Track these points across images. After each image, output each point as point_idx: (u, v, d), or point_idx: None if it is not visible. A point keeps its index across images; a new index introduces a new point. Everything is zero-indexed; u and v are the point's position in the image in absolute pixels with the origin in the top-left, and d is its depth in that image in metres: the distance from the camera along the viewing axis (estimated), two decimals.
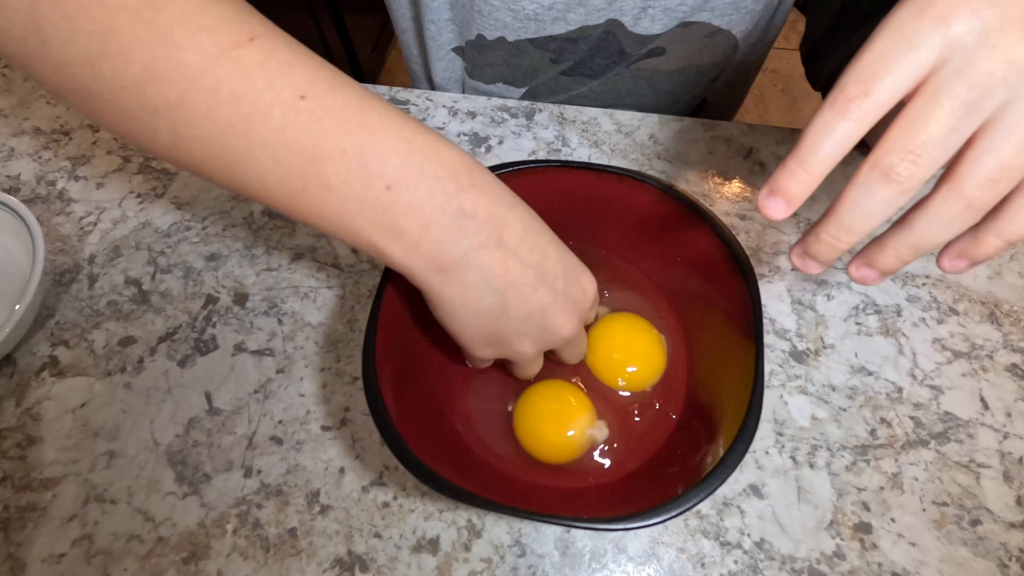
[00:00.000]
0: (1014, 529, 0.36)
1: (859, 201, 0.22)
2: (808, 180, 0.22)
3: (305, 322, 0.43)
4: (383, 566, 0.35)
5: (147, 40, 0.23)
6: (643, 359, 0.39)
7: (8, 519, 0.36)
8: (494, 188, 0.28)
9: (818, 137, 0.22)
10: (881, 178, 0.21)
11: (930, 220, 0.22)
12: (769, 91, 1.60)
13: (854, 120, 0.21)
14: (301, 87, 0.25)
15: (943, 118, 0.20)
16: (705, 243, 0.37)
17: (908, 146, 0.21)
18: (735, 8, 0.48)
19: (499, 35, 0.50)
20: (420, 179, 0.26)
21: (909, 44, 0.21)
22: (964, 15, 0.20)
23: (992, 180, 0.21)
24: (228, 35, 0.24)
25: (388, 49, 1.69)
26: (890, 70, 0.21)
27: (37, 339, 0.42)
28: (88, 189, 0.49)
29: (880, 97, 0.21)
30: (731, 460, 0.29)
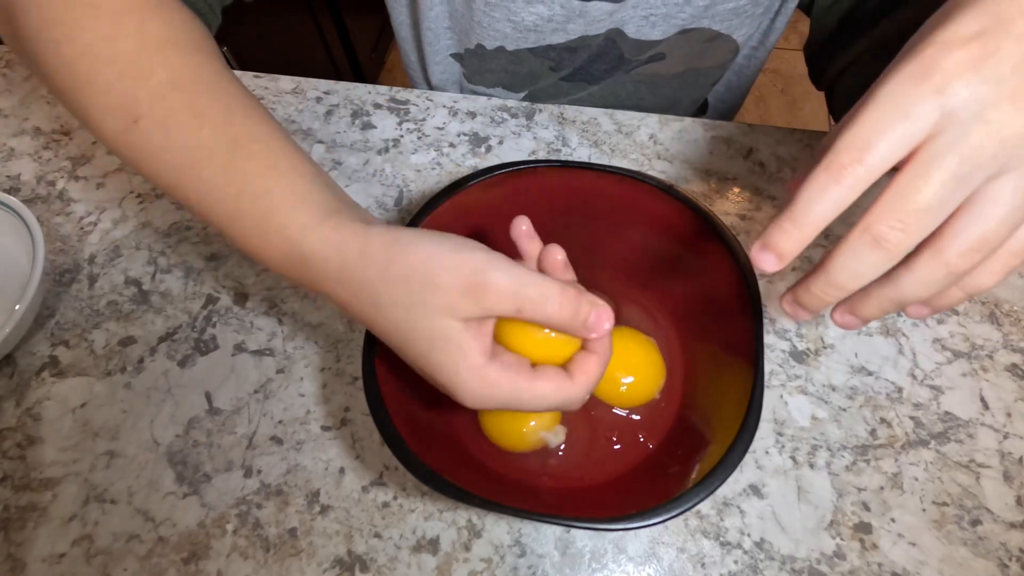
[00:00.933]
0: (1014, 529, 0.36)
1: (848, 263, 0.23)
2: (800, 239, 0.23)
3: (305, 322, 0.43)
4: (383, 566, 0.35)
5: (80, 107, 0.32)
6: (644, 375, 0.38)
7: (8, 519, 0.36)
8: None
9: (811, 199, 0.23)
10: (871, 244, 0.22)
11: (913, 281, 0.23)
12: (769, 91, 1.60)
13: (847, 186, 0.22)
14: (176, 168, 0.31)
15: (933, 190, 0.21)
16: (705, 243, 0.37)
17: (898, 215, 0.22)
18: (736, 14, 0.48)
19: (499, 45, 0.50)
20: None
21: (905, 114, 0.21)
22: (961, 89, 0.21)
23: (974, 250, 0.22)
24: (120, 120, 0.30)
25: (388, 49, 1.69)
26: (885, 138, 0.21)
27: (37, 339, 0.42)
28: (88, 189, 0.49)
29: (874, 164, 0.22)
30: (731, 460, 0.29)
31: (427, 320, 0.27)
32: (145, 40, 0.31)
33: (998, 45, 0.21)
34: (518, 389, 0.27)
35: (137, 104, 0.30)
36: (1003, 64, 0.21)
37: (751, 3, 0.47)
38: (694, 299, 0.39)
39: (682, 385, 0.39)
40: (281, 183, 0.30)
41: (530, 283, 0.27)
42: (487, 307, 0.27)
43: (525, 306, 0.27)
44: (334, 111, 0.52)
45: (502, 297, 0.26)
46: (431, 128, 0.51)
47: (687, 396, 0.38)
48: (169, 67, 0.31)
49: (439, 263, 0.27)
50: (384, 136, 0.51)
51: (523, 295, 0.26)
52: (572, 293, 0.27)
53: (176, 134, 0.30)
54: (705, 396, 0.36)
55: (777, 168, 0.49)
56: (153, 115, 0.30)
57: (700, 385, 0.37)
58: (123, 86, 0.30)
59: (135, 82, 0.30)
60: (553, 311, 0.27)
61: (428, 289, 0.27)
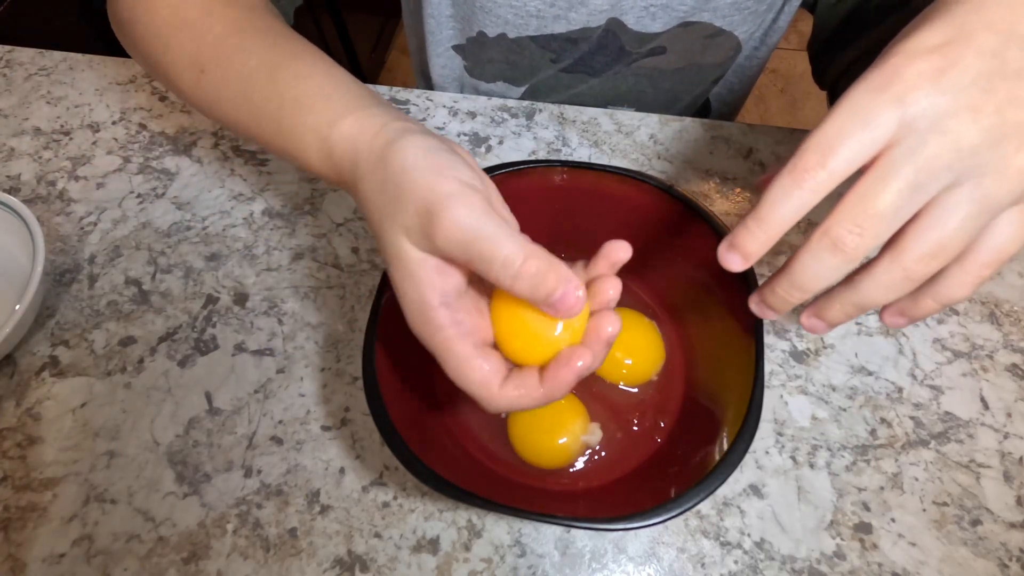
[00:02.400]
0: (1014, 529, 0.36)
1: (810, 265, 0.24)
2: (764, 240, 0.24)
3: (305, 322, 0.43)
4: (383, 566, 0.35)
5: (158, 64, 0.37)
6: (643, 352, 0.39)
7: (8, 519, 0.36)
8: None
9: (776, 202, 0.23)
10: (830, 247, 0.23)
11: (872, 285, 0.24)
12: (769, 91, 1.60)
13: (809, 190, 0.23)
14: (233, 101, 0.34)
15: (890, 197, 0.22)
16: (705, 243, 0.37)
17: (856, 220, 0.22)
18: (737, 9, 0.48)
19: (500, 31, 0.50)
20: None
21: (865, 122, 0.22)
22: (920, 99, 0.22)
23: (930, 256, 0.23)
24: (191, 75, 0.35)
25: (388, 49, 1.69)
26: (846, 145, 0.22)
27: (37, 339, 0.42)
28: (88, 189, 0.49)
29: (835, 170, 0.22)
30: (731, 460, 0.29)
31: (390, 235, 0.26)
32: (209, 5, 0.35)
33: (959, 56, 0.22)
34: (449, 352, 0.25)
35: (201, 56, 0.34)
36: (963, 76, 0.21)
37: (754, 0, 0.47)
38: (693, 299, 0.39)
39: (682, 385, 0.39)
40: (312, 86, 0.31)
41: (490, 236, 0.24)
42: (436, 244, 0.24)
43: (476, 260, 0.24)
44: None
45: (451, 239, 0.24)
46: (431, 128, 0.51)
47: (687, 396, 0.38)
48: (225, 21, 0.34)
49: (411, 179, 0.25)
50: None
51: (477, 247, 0.24)
52: (537, 263, 0.24)
53: (230, 71, 0.33)
54: (705, 396, 0.36)
55: None
56: (213, 62, 0.34)
57: (700, 385, 0.37)
58: (191, 46, 0.35)
59: (199, 40, 0.34)
60: (507, 275, 0.24)
61: (394, 203, 0.25)
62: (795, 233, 0.46)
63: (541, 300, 0.24)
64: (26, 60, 0.56)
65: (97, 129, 0.52)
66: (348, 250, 0.46)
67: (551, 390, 0.25)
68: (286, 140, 0.31)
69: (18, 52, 0.57)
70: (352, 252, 0.46)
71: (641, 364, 0.38)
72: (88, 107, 0.53)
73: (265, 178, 0.49)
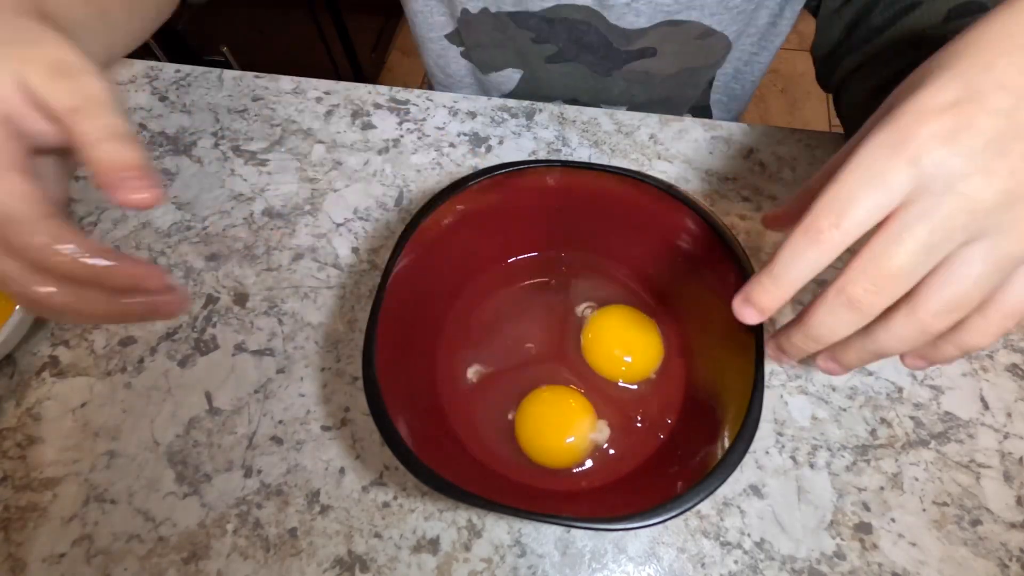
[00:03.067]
0: (1014, 529, 0.36)
1: (825, 320, 0.24)
2: (779, 296, 0.25)
3: (305, 322, 0.43)
4: (383, 566, 0.35)
5: None
6: (641, 348, 0.39)
7: (8, 519, 0.36)
8: None
9: (790, 261, 0.24)
10: (845, 304, 0.23)
11: (889, 337, 0.25)
12: (769, 91, 1.60)
13: (823, 250, 0.23)
14: None
15: (905, 257, 0.22)
16: (705, 243, 0.37)
17: (871, 279, 0.23)
18: (725, 8, 0.48)
19: (482, 6, 0.51)
20: None
21: (880, 183, 0.22)
22: (935, 161, 0.22)
23: (946, 311, 0.23)
24: None
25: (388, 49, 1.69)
26: (860, 205, 0.22)
27: (37, 339, 0.42)
28: (88, 189, 0.49)
29: (849, 230, 0.23)
30: (731, 460, 0.29)
31: None
32: None
33: (972, 118, 0.22)
34: None
35: None
36: (977, 138, 0.22)
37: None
38: (694, 299, 0.39)
39: (682, 385, 0.39)
40: None
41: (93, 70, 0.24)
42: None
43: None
44: (334, 111, 0.52)
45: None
46: (431, 128, 0.51)
47: (687, 396, 0.38)
48: None
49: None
50: (384, 136, 0.51)
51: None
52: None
53: None
54: (705, 396, 0.36)
55: (777, 168, 0.49)
56: None
57: (700, 385, 0.37)
58: None
59: None
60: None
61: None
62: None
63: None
64: None
65: None
66: (348, 250, 0.46)
67: None
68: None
69: None
70: (352, 252, 0.46)
71: (640, 361, 0.39)
72: None
73: (265, 178, 0.49)
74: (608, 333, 0.39)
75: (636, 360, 0.39)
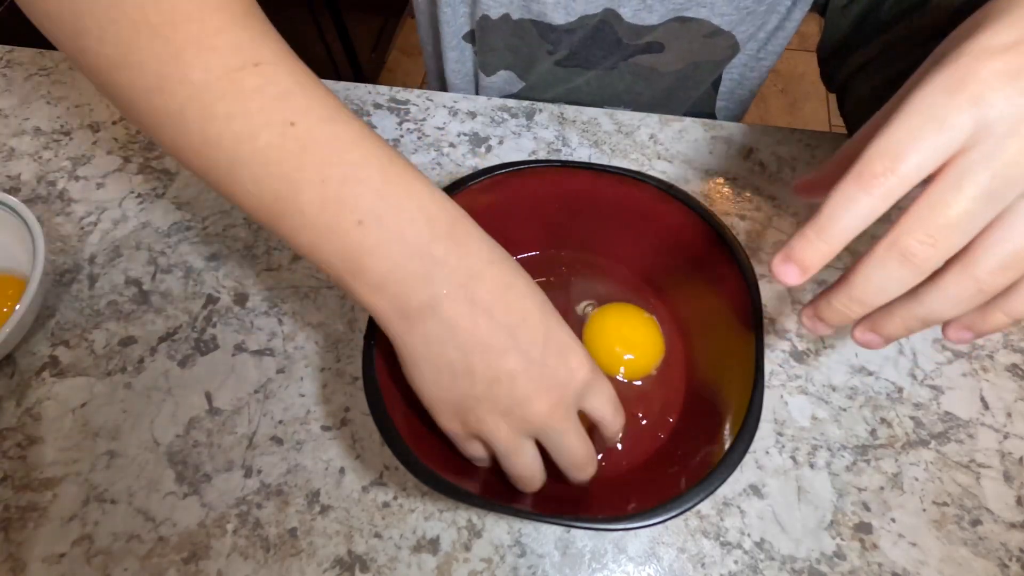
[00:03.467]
0: (1014, 529, 0.36)
1: (874, 278, 0.22)
2: (826, 252, 0.23)
3: (305, 322, 0.43)
4: (383, 566, 0.35)
5: (160, 56, 0.25)
6: (641, 345, 0.39)
7: (8, 519, 0.36)
8: (475, 242, 0.28)
9: (839, 209, 0.22)
10: (898, 258, 0.22)
11: (941, 298, 0.23)
12: (769, 91, 1.60)
13: (878, 196, 0.21)
14: (293, 114, 0.26)
15: (964, 205, 0.21)
16: (705, 243, 0.37)
17: (927, 229, 0.21)
18: (735, 7, 0.48)
19: (504, 12, 0.51)
20: (394, 220, 0.26)
21: (940, 124, 0.20)
22: (998, 101, 0.20)
23: (1004, 267, 0.21)
24: (234, 58, 0.26)
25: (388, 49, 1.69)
26: (918, 149, 0.21)
27: (37, 339, 0.42)
28: (88, 189, 0.49)
29: (906, 175, 0.21)
30: (731, 460, 0.29)
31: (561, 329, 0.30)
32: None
33: None
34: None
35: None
36: None
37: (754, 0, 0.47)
38: (694, 299, 0.39)
39: (683, 385, 0.39)
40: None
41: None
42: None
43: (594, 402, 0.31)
44: None
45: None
46: (431, 128, 0.51)
47: (686, 396, 0.38)
48: None
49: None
50: (384, 136, 0.51)
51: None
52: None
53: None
54: (705, 396, 0.36)
55: (777, 168, 0.49)
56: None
57: (700, 385, 0.37)
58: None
59: None
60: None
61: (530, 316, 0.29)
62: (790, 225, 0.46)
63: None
64: (26, 60, 0.56)
65: (97, 129, 0.52)
66: None
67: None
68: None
69: (18, 52, 0.57)
70: None
71: (641, 358, 0.39)
72: (88, 107, 0.53)
73: None
74: (609, 330, 0.39)
75: (638, 356, 0.39)
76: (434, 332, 0.27)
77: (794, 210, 0.46)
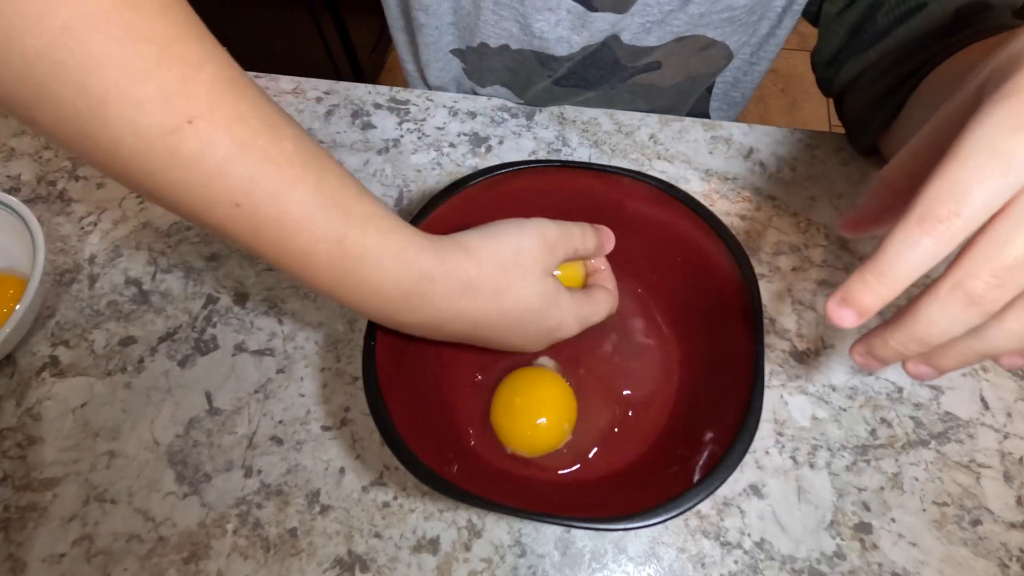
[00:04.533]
0: (1014, 529, 0.36)
1: (937, 319, 0.22)
2: (885, 296, 0.22)
3: (305, 322, 0.43)
4: (383, 566, 0.35)
5: (78, 107, 0.22)
6: (553, 417, 0.37)
7: (8, 519, 0.36)
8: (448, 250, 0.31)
9: (901, 252, 0.21)
10: (964, 299, 0.21)
11: (1004, 335, 0.22)
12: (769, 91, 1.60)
13: (942, 240, 0.21)
14: (235, 194, 0.24)
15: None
16: (705, 243, 0.37)
17: (994, 270, 0.20)
18: (730, 21, 0.48)
19: (503, 43, 0.50)
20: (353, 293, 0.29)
21: (1006, 165, 0.20)
22: None
23: None
24: (165, 116, 0.22)
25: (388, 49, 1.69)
26: (983, 189, 0.20)
27: (37, 339, 0.42)
28: (88, 189, 0.49)
29: (971, 217, 0.20)
30: (731, 460, 0.29)
31: (541, 283, 0.33)
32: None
33: None
34: (588, 303, 0.36)
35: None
36: None
37: (746, 12, 0.47)
38: (693, 298, 0.39)
39: (681, 385, 0.39)
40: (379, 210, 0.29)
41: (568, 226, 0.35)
42: (559, 255, 0.34)
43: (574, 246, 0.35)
44: (334, 111, 0.52)
45: (562, 245, 0.34)
46: (431, 128, 0.51)
47: (687, 396, 0.38)
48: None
49: (516, 244, 0.32)
50: (384, 136, 0.51)
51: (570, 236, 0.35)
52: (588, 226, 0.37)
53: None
54: (705, 396, 0.36)
55: (777, 168, 0.49)
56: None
57: (700, 385, 0.37)
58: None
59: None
60: (590, 242, 0.36)
61: (525, 264, 0.32)
62: (790, 224, 0.46)
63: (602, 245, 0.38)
64: None
65: None
66: None
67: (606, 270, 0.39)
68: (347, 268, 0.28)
69: None
70: None
71: (553, 426, 0.36)
72: None
73: None
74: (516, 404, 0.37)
75: (547, 425, 0.36)
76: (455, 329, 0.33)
77: (793, 210, 0.46)
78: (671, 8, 0.46)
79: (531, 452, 0.36)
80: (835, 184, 0.48)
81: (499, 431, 0.36)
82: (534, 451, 0.36)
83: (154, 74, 0.22)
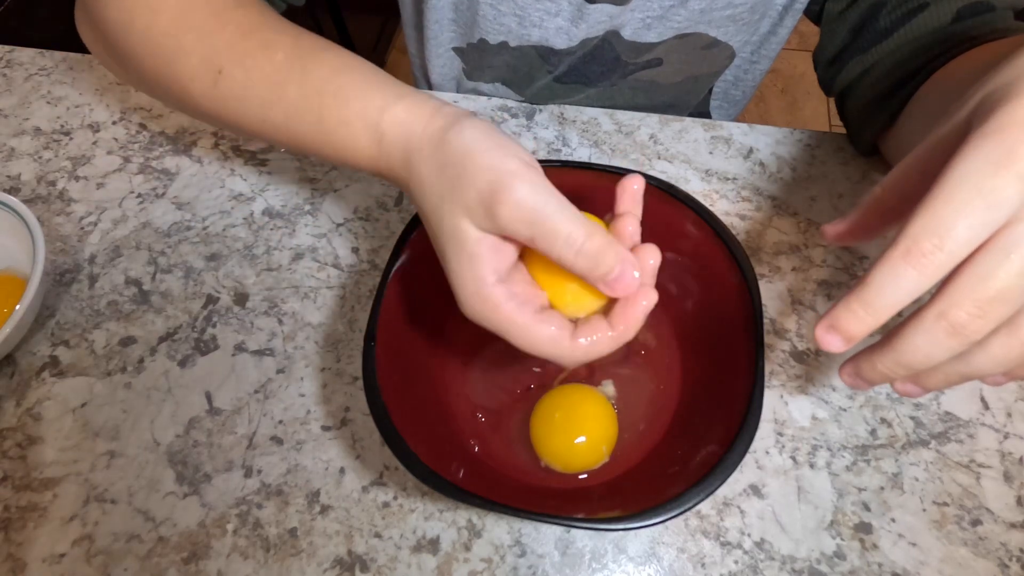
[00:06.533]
0: (1014, 529, 0.36)
1: (922, 347, 0.22)
2: (871, 324, 0.23)
3: (305, 322, 0.43)
4: (383, 566, 0.35)
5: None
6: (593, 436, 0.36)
7: (8, 519, 0.36)
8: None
9: (886, 283, 0.22)
10: (947, 329, 0.22)
11: (987, 360, 0.23)
12: (769, 91, 1.60)
13: (926, 273, 0.21)
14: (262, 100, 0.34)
15: (1014, 275, 0.21)
16: (705, 243, 0.37)
17: (977, 302, 0.21)
18: (732, 20, 0.48)
19: (502, 40, 0.50)
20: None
21: (988, 200, 0.20)
22: None
23: None
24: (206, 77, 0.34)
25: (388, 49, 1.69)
26: (966, 224, 0.21)
27: (37, 339, 0.42)
28: (88, 189, 0.49)
29: (954, 251, 0.21)
30: (731, 460, 0.29)
31: (449, 218, 0.27)
32: (213, 7, 0.34)
33: None
34: (513, 323, 0.27)
35: (216, 57, 0.33)
36: None
37: (748, 10, 0.47)
38: (693, 298, 0.39)
39: (681, 385, 0.39)
40: (355, 76, 0.31)
41: (553, 213, 0.25)
42: (499, 223, 0.26)
43: (540, 237, 0.25)
44: None
45: (516, 217, 0.25)
46: None
47: (687, 396, 0.38)
48: (237, 21, 0.34)
49: (473, 160, 0.26)
50: None
51: (541, 224, 0.25)
52: (598, 241, 0.25)
53: (255, 69, 0.33)
54: (705, 396, 0.36)
55: (777, 168, 0.49)
56: (233, 61, 0.33)
57: (700, 385, 0.37)
58: (203, 48, 0.34)
59: (211, 41, 0.34)
60: (569, 254, 0.25)
61: (455, 184, 0.26)
62: (790, 223, 0.46)
63: (598, 278, 0.26)
64: (26, 60, 0.56)
65: (97, 129, 0.52)
66: (348, 250, 0.46)
67: (623, 332, 0.28)
68: (329, 133, 0.31)
69: (18, 52, 0.57)
70: (352, 252, 0.46)
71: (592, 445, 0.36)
72: (88, 107, 0.53)
73: (265, 178, 0.49)
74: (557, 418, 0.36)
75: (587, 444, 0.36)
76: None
77: (793, 210, 0.46)
78: (671, 3, 0.46)
79: (565, 468, 0.36)
80: (835, 184, 0.48)
81: (536, 442, 0.36)
82: (568, 468, 0.36)
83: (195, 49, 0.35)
